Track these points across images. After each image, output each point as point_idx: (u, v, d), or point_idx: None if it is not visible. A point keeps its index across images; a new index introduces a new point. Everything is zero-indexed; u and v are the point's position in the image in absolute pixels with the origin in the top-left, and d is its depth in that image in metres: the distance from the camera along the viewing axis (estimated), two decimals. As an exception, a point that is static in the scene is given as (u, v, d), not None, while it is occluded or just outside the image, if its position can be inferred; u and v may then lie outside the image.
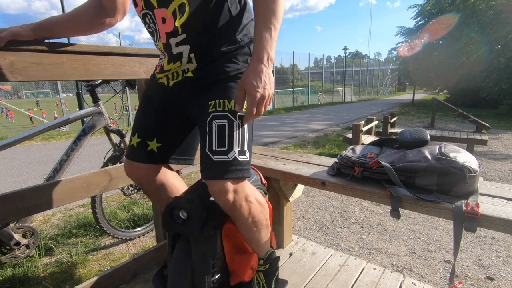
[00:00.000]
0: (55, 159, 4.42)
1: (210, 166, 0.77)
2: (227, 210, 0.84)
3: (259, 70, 0.72)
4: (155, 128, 0.93)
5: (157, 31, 0.80)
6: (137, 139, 0.92)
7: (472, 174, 0.90)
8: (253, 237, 0.94)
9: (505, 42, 11.45)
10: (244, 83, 0.73)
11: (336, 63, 37.98)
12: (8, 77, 0.83)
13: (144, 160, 0.93)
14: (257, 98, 0.72)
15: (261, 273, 1.03)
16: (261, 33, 0.73)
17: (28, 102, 27.97)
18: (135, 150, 0.93)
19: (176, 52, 0.81)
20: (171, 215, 0.89)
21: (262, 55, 0.73)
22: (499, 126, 8.00)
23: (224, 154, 0.77)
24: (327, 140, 5.81)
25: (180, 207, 0.88)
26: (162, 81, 0.90)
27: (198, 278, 0.88)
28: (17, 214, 0.92)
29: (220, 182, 0.77)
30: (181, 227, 0.88)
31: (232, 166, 0.78)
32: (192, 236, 0.87)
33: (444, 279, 1.59)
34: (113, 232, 1.87)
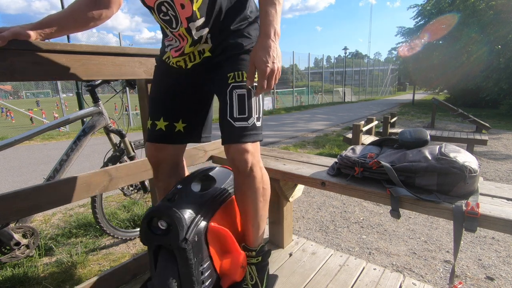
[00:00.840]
0: (55, 159, 4.42)
1: (232, 131, 0.85)
2: (243, 175, 0.89)
3: (267, 45, 0.76)
4: (178, 110, 0.97)
5: (177, 17, 0.82)
6: (164, 122, 0.96)
7: (472, 174, 0.90)
8: (258, 212, 0.96)
9: (505, 42, 11.45)
10: (254, 59, 0.77)
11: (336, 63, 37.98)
12: (8, 77, 0.83)
13: (173, 140, 0.98)
14: (267, 73, 0.76)
15: (253, 266, 1.03)
16: (266, 9, 0.76)
17: (28, 102, 27.96)
18: (163, 133, 0.96)
19: (197, 36, 0.85)
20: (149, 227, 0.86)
21: (269, 31, 0.76)
22: (499, 126, 8.00)
23: (244, 120, 0.85)
24: (327, 140, 5.81)
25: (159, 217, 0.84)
26: (180, 64, 0.92)
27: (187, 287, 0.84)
28: (17, 214, 0.92)
29: (241, 145, 0.85)
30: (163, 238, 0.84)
31: (252, 130, 0.86)
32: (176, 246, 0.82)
33: (444, 279, 1.59)
34: (113, 232, 1.87)
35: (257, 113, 0.89)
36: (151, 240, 0.87)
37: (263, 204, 0.97)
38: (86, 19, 0.95)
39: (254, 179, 0.91)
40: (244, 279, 1.01)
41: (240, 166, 0.87)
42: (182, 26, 0.83)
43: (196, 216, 0.87)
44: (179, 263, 0.84)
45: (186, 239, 0.82)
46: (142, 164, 1.22)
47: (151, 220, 0.86)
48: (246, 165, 0.87)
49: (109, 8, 0.98)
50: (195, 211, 0.88)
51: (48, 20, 0.90)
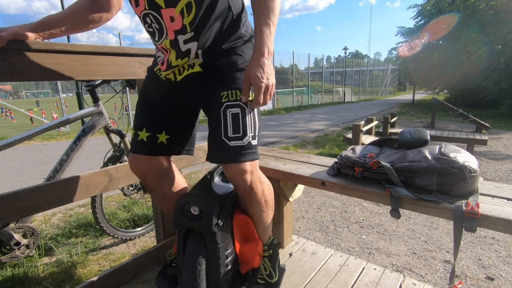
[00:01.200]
0: (55, 159, 4.42)
1: (227, 151, 0.85)
2: (244, 192, 0.92)
3: (261, 62, 0.79)
4: (163, 121, 0.95)
5: (163, 30, 0.82)
6: (146, 133, 0.94)
7: (472, 174, 0.90)
8: (263, 219, 1.02)
9: (505, 42, 11.45)
10: (249, 76, 0.79)
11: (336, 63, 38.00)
12: (8, 77, 0.83)
13: (154, 152, 0.95)
14: (263, 88, 0.79)
15: (266, 258, 1.09)
16: (261, 29, 0.79)
17: (28, 102, 27.97)
18: (144, 144, 0.94)
19: (184, 49, 0.84)
20: (181, 212, 0.91)
21: (263, 49, 0.79)
22: (499, 126, 8.00)
23: (239, 140, 0.85)
24: (327, 140, 5.81)
25: (192, 203, 0.90)
26: (169, 77, 0.91)
27: (214, 271, 0.90)
28: (17, 214, 0.92)
29: (238, 165, 0.85)
30: (195, 222, 0.90)
31: (248, 149, 0.86)
32: (207, 230, 0.88)
33: (444, 279, 1.59)
34: (113, 232, 1.87)
35: (252, 131, 0.87)
36: (183, 224, 0.92)
37: (266, 213, 1.02)
38: (85, 21, 0.94)
39: (256, 195, 0.94)
40: (259, 269, 1.06)
41: (239, 185, 0.89)
42: (168, 38, 0.82)
43: (225, 203, 0.93)
44: (208, 246, 0.90)
45: (217, 224, 0.88)
46: (142, 164, 1.22)
47: (185, 204, 0.91)
48: (246, 184, 0.88)
49: (110, 11, 0.97)
50: (224, 199, 0.94)
51: (48, 20, 0.90)
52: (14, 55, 0.84)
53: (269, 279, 1.06)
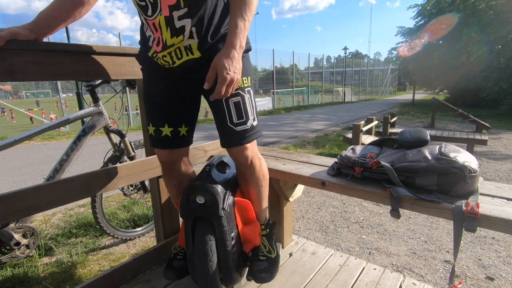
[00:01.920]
0: (55, 159, 4.42)
1: (234, 135, 0.94)
2: (245, 167, 1.01)
3: (232, 55, 0.79)
4: (180, 115, 1.00)
5: (157, 4, 0.80)
6: (169, 128, 0.99)
7: (472, 174, 0.90)
8: (261, 194, 1.10)
9: (505, 42, 11.45)
10: (216, 64, 0.79)
11: (336, 63, 37.99)
12: (8, 77, 0.83)
13: (180, 144, 1.03)
14: (227, 80, 0.79)
15: (264, 237, 1.17)
16: (236, 22, 0.79)
17: (28, 102, 27.97)
18: (170, 139, 1.00)
19: (178, 25, 0.82)
20: (188, 202, 0.98)
21: (235, 42, 0.79)
22: (499, 126, 8.00)
23: (244, 124, 0.94)
24: (327, 140, 5.81)
25: (197, 193, 0.97)
26: (166, 60, 0.88)
27: (223, 253, 0.97)
28: (17, 214, 0.92)
29: (244, 146, 0.95)
30: (203, 209, 0.96)
31: (251, 131, 0.96)
32: (214, 216, 0.95)
33: (444, 279, 1.59)
34: (113, 232, 1.87)
35: (252, 114, 0.96)
36: (191, 213, 0.98)
37: (264, 187, 1.10)
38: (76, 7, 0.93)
39: (254, 169, 1.03)
40: (259, 248, 1.14)
41: (241, 161, 1.00)
42: (162, 14, 0.80)
43: (227, 190, 1.01)
44: (216, 230, 0.97)
45: (224, 208, 0.96)
46: (142, 164, 1.22)
47: (190, 195, 0.98)
48: (247, 160, 0.99)
49: None
50: (225, 187, 1.02)
51: (43, 17, 0.89)
52: (14, 55, 0.84)
53: (269, 254, 1.14)
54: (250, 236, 1.11)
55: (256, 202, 1.12)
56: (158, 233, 1.44)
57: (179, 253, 1.14)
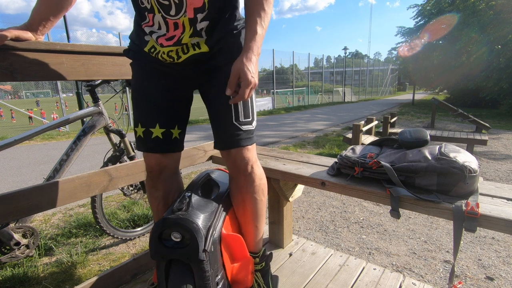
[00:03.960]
0: (55, 159, 4.42)
1: (239, 135, 0.87)
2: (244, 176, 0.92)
3: (253, 60, 0.78)
4: (174, 115, 0.93)
5: (182, 5, 0.78)
6: (161, 129, 0.90)
7: (472, 174, 0.90)
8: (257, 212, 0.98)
9: (505, 42, 11.45)
10: (239, 69, 0.77)
11: (336, 63, 37.99)
12: (8, 77, 0.83)
13: (171, 148, 0.94)
14: (252, 84, 0.78)
15: (258, 272, 1.04)
16: (256, 29, 0.80)
17: (28, 102, 27.96)
18: (161, 141, 0.91)
19: (199, 28, 0.82)
20: (160, 240, 0.79)
21: (254, 48, 0.79)
22: (499, 126, 8.00)
23: (249, 124, 0.89)
24: (327, 140, 5.81)
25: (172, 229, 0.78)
26: (172, 55, 0.84)
27: None
28: (17, 214, 0.92)
29: (247, 147, 0.89)
30: (179, 251, 0.77)
31: (254, 133, 0.92)
32: (193, 260, 0.77)
33: (444, 279, 1.59)
34: (113, 232, 1.87)
35: (255, 115, 0.94)
36: (164, 254, 0.79)
37: (263, 202, 1.00)
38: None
39: (255, 177, 0.95)
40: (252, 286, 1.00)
41: (242, 166, 0.91)
42: (186, 16, 0.79)
43: (211, 224, 0.83)
44: (196, 276, 0.79)
45: (205, 250, 0.78)
46: (142, 164, 1.22)
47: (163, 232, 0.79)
48: (248, 164, 0.91)
49: None
50: (209, 219, 0.84)
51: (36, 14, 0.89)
52: (14, 55, 0.84)
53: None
54: (240, 276, 0.94)
55: (253, 223, 0.98)
56: (158, 233, 1.44)
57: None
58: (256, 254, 1.03)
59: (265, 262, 1.05)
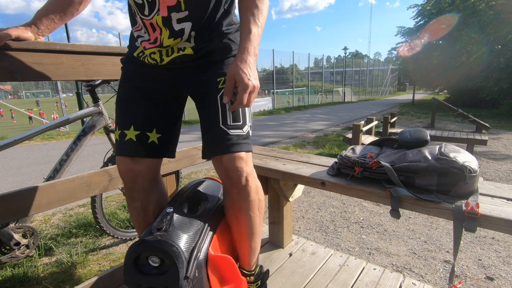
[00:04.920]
0: (55, 159, 4.42)
1: (227, 140, 0.79)
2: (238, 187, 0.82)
3: (248, 61, 0.73)
4: (152, 118, 0.86)
5: (155, 4, 0.75)
6: (135, 132, 0.84)
7: (472, 174, 0.90)
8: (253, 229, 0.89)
9: (505, 42, 11.45)
10: (234, 73, 0.72)
11: (336, 63, 37.98)
12: (8, 77, 0.83)
13: (145, 154, 0.85)
14: (250, 87, 0.72)
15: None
16: (250, 28, 0.75)
17: (28, 102, 27.97)
18: (134, 144, 0.84)
19: (178, 28, 0.78)
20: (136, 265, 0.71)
21: (250, 49, 0.74)
22: (499, 126, 8.00)
23: (239, 128, 0.81)
24: (327, 140, 5.81)
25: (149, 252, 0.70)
26: (154, 57, 0.82)
27: None
28: (17, 214, 0.92)
29: (236, 155, 0.79)
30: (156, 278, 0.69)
31: (246, 139, 0.82)
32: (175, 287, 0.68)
33: (444, 279, 1.59)
34: (113, 232, 1.87)
35: (250, 121, 0.85)
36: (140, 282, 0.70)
37: (259, 218, 0.90)
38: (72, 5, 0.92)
39: (250, 191, 0.84)
40: None
41: (235, 177, 0.80)
42: (159, 14, 0.75)
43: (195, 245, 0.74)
44: None
45: (187, 277, 0.69)
46: (142, 164, 1.22)
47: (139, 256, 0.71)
48: (242, 175, 0.80)
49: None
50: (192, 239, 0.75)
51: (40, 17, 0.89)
52: (14, 55, 0.84)
53: None
54: None
55: (248, 241, 0.89)
56: (158, 233, 1.44)
57: None
58: (251, 272, 0.95)
59: (261, 280, 0.97)
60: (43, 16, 0.89)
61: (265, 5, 0.78)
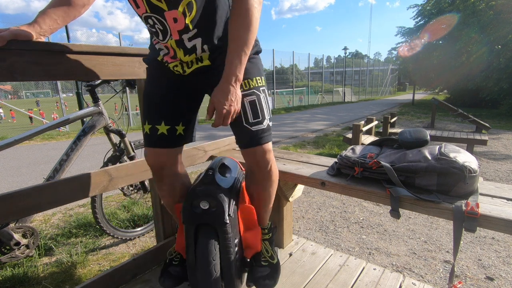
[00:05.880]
0: (55, 159, 4.42)
1: (251, 136, 0.93)
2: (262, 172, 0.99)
3: (227, 90, 0.83)
4: (180, 113, 0.99)
5: (167, 31, 0.85)
6: (166, 126, 0.97)
7: (472, 174, 0.90)
8: (269, 198, 1.08)
9: (505, 42, 11.46)
10: (213, 100, 0.84)
11: (336, 63, 37.99)
12: (8, 77, 0.83)
13: (174, 144, 1.00)
14: (223, 114, 0.84)
15: (266, 241, 1.15)
16: (233, 60, 0.82)
17: (28, 102, 27.97)
18: (165, 137, 0.97)
19: (190, 46, 0.87)
20: (192, 207, 0.94)
21: (230, 78, 0.83)
22: (499, 126, 8.00)
23: (260, 124, 0.94)
24: (327, 140, 5.81)
25: (201, 198, 0.93)
26: (177, 69, 0.95)
27: (226, 261, 0.94)
28: (17, 214, 0.92)
29: (263, 146, 0.95)
30: (208, 216, 0.92)
31: (268, 131, 0.96)
32: (219, 222, 0.92)
33: (444, 279, 1.59)
34: (113, 232, 1.87)
35: (268, 114, 0.97)
36: (195, 219, 0.94)
37: (273, 192, 1.09)
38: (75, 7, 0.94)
39: (272, 174, 1.03)
40: (261, 253, 1.12)
41: (263, 166, 0.98)
42: (172, 38, 0.85)
43: (231, 196, 0.98)
44: (220, 237, 0.93)
45: (229, 215, 0.93)
46: (142, 164, 1.22)
47: (193, 200, 0.94)
48: (268, 164, 0.98)
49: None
50: (229, 191, 0.98)
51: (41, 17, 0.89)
52: (14, 55, 0.84)
53: (272, 260, 1.12)
54: (252, 242, 1.09)
55: (263, 206, 1.09)
56: (158, 233, 1.44)
57: (175, 259, 1.10)
58: (265, 227, 1.16)
59: (271, 232, 1.18)
60: (45, 17, 0.89)
61: (251, 33, 0.83)
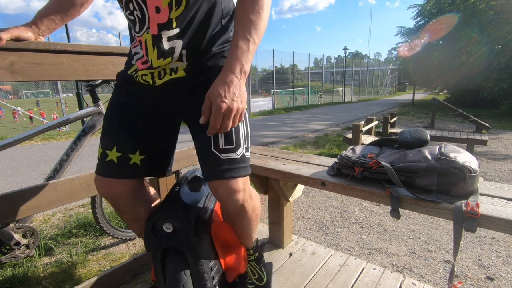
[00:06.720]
0: (55, 159, 4.42)
1: (219, 165, 0.75)
2: (234, 211, 0.82)
3: (228, 80, 0.66)
4: (137, 139, 0.82)
5: (145, 21, 0.71)
6: (117, 153, 0.81)
7: (472, 174, 0.90)
8: (249, 232, 0.95)
9: (505, 42, 11.46)
10: (209, 93, 0.66)
11: (336, 63, 37.98)
12: (8, 77, 0.83)
13: (126, 175, 0.82)
14: (222, 110, 0.64)
15: (252, 261, 1.06)
16: (238, 43, 0.67)
17: (28, 102, 27.98)
18: (114, 166, 0.81)
19: (168, 47, 0.72)
20: (153, 231, 0.84)
21: (234, 66, 0.66)
22: (499, 126, 8.01)
23: (232, 152, 0.76)
24: (327, 140, 5.81)
25: (163, 220, 0.83)
26: (146, 79, 0.78)
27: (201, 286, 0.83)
28: (17, 214, 0.92)
29: (230, 181, 0.75)
30: (172, 239, 0.82)
31: (241, 163, 0.77)
32: (186, 246, 0.82)
33: (444, 279, 1.59)
34: (113, 232, 1.87)
35: (245, 142, 0.79)
36: (158, 244, 0.84)
37: (255, 225, 0.95)
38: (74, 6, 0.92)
39: (246, 213, 0.85)
40: (247, 274, 1.02)
41: (231, 206, 0.80)
42: (149, 32, 0.71)
43: (200, 213, 0.88)
44: (190, 262, 0.83)
45: (196, 236, 0.82)
46: (142, 164, 1.22)
47: (155, 223, 0.84)
48: (238, 203, 0.79)
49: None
50: (198, 209, 0.89)
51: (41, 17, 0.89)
52: (14, 55, 0.84)
53: (259, 282, 1.03)
54: (232, 263, 0.97)
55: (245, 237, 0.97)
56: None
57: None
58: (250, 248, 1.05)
59: (258, 252, 1.08)
60: (44, 17, 0.89)
61: (260, 19, 0.69)
